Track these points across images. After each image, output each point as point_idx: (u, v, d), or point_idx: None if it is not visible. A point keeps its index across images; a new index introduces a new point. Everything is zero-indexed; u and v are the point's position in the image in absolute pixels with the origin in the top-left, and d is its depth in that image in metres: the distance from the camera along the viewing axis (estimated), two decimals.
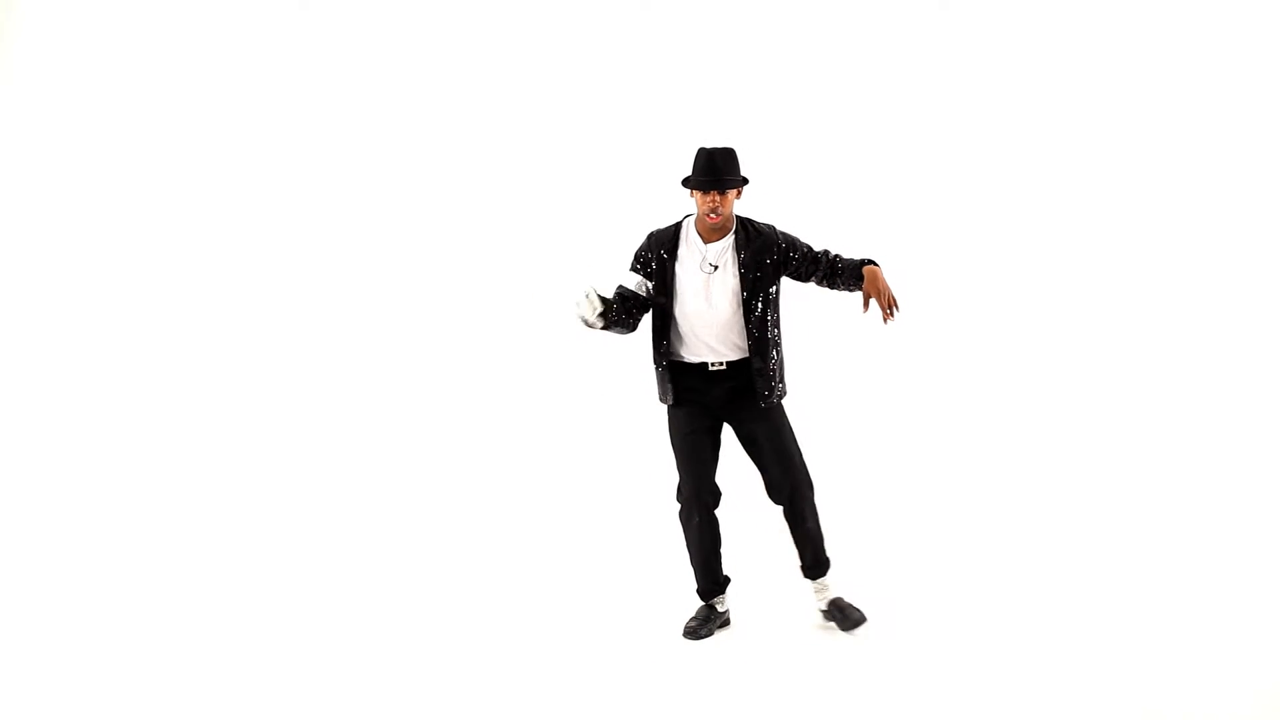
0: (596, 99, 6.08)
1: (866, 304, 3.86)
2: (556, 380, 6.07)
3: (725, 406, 3.96)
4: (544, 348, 6.06)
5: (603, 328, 3.89)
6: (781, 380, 4.00)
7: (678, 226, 4.01)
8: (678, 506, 4.10)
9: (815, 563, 4.06)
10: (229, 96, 6.21)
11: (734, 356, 3.93)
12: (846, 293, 3.99)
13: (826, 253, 3.96)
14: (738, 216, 3.95)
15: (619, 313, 3.91)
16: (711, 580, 4.08)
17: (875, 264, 3.88)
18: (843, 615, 4.04)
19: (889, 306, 3.82)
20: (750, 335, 3.89)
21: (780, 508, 4.07)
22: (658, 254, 3.96)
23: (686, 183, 3.89)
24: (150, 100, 6.21)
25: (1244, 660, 3.71)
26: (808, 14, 5.97)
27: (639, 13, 5.98)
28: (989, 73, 5.91)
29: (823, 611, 4.09)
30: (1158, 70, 5.81)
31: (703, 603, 4.12)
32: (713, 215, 3.84)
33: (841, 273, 3.90)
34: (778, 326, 3.96)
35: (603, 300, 3.82)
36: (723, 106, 5.77)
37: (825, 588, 4.09)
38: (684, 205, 4.15)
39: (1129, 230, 5.90)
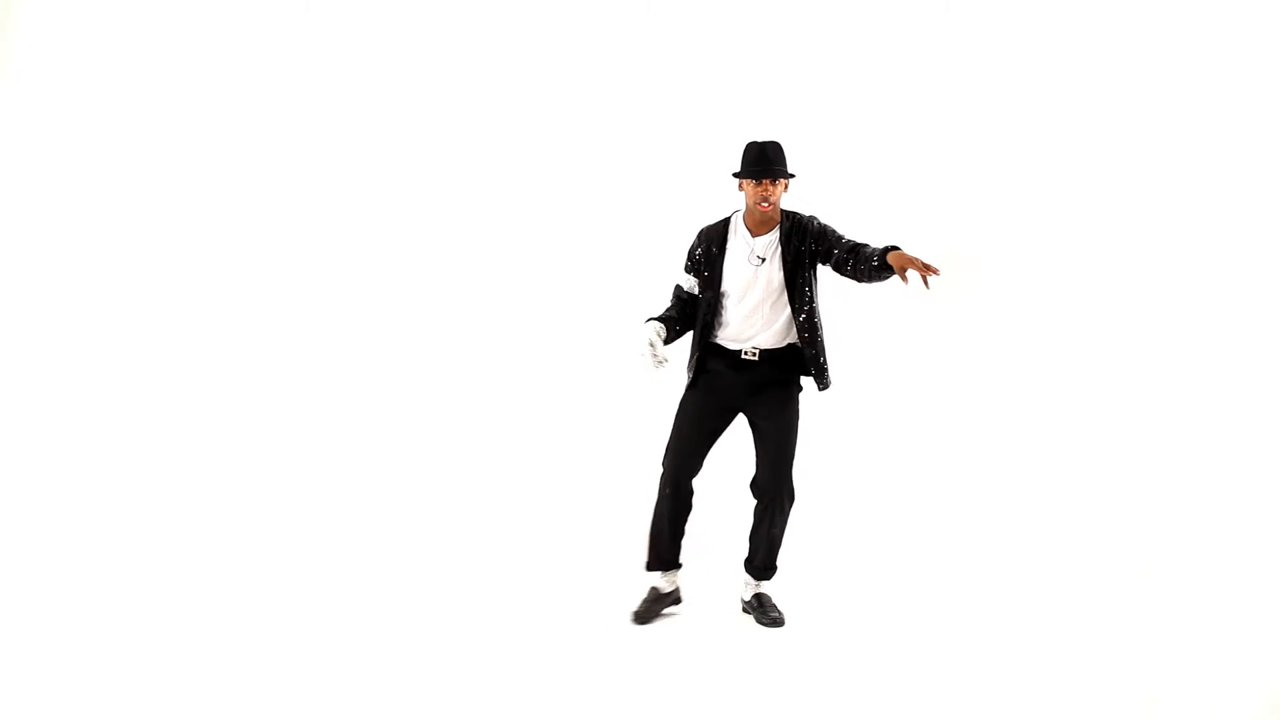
0: (612, 102, 6.05)
1: (905, 277, 3.83)
2: (556, 376, 6.04)
3: (748, 394, 4.04)
4: (545, 345, 6.04)
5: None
6: (827, 368, 4.07)
7: (726, 221, 4.14)
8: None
9: (764, 566, 4.16)
10: (231, 97, 6.19)
11: (772, 345, 4.04)
12: (869, 283, 4.00)
13: (853, 242, 4.04)
14: (782, 210, 4.09)
15: (683, 322, 4.11)
16: (657, 556, 4.12)
17: (897, 247, 3.91)
18: (761, 609, 4.12)
19: (925, 271, 3.78)
20: (799, 324, 4.01)
21: (755, 503, 4.16)
22: (707, 249, 4.09)
23: (739, 175, 4.02)
24: (152, 100, 6.16)
25: (1244, 660, 3.71)
26: (816, 16, 5.97)
27: (645, 15, 5.99)
28: (991, 78, 5.89)
29: (744, 601, 4.19)
30: (1163, 69, 5.80)
31: (650, 586, 4.13)
32: (764, 204, 3.98)
33: (864, 260, 3.92)
34: (819, 315, 4.06)
35: (664, 324, 4.03)
36: (731, 109, 5.76)
37: (759, 584, 4.21)
38: (703, 204, 4.29)
39: (1135, 230, 5.88)
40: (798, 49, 5.97)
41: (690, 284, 4.14)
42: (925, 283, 3.80)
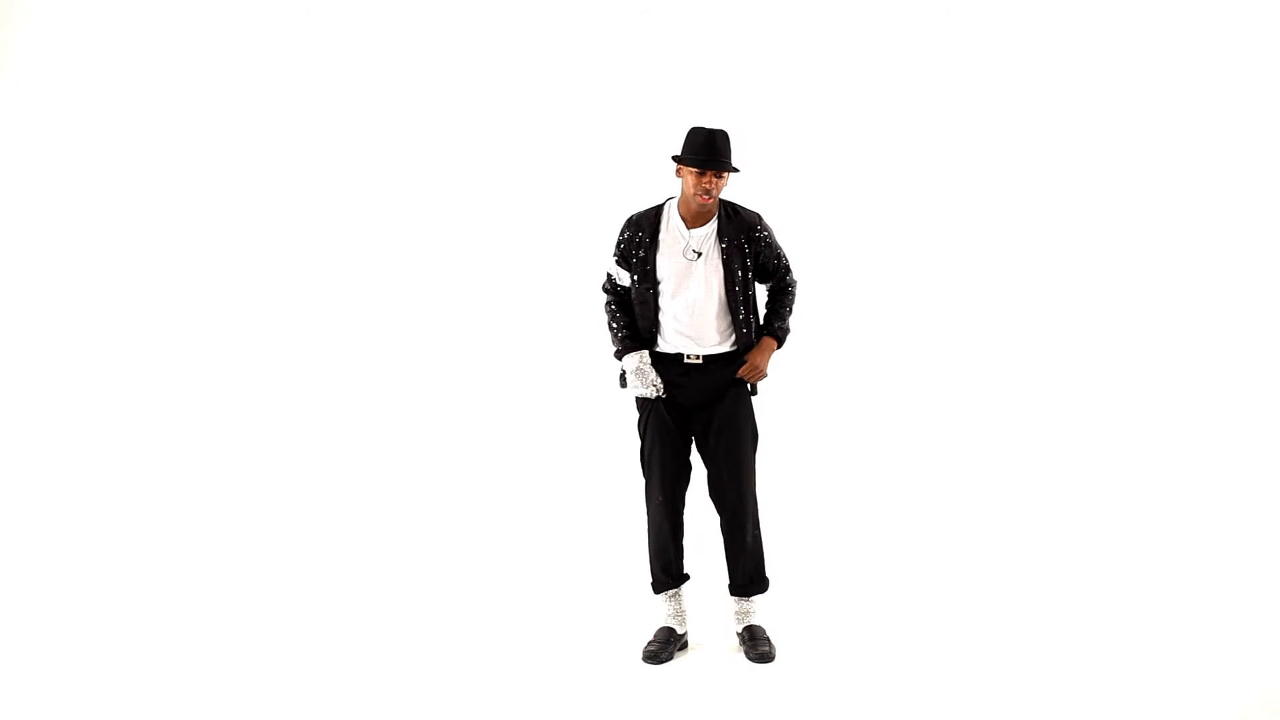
0: (596, 101, 6.02)
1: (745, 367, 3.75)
2: (551, 376, 5.99)
3: (696, 401, 3.74)
4: (539, 344, 5.99)
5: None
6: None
7: (659, 209, 3.77)
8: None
9: (750, 580, 3.82)
10: (230, 100, 6.15)
11: (713, 349, 3.73)
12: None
13: (786, 280, 3.86)
14: (720, 200, 3.75)
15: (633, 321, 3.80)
16: (664, 571, 3.85)
17: (778, 338, 3.81)
18: (752, 642, 3.79)
19: (752, 375, 3.75)
20: (735, 326, 3.72)
21: (719, 519, 3.85)
22: (640, 238, 3.73)
23: (680, 160, 3.64)
24: (151, 102, 6.08)
25: (1244, 661, 3.68)
26: (809, 18, 5.95)
27: (641, 15, 5.97)
28: (991, 79, 5.87)
29: (737, 634, 3.86)
30: (1159, 74, 5.78)
31: (662, 624, 3.89)
32: (705, 197, 3.60)
33: (770, 308, 3.86)
34: (756, 314, 3.80)
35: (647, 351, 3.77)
36: (722, 108, 5.71)
37: (749, 613, 3.85)
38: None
39: (1131, 233, 5.86)
40: (796, 49, 5.95)
41: (623, 276, 3.78)
42: (750, 376, 3.74)
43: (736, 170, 3.68)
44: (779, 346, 3.82)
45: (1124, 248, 5.83)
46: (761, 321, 3.86)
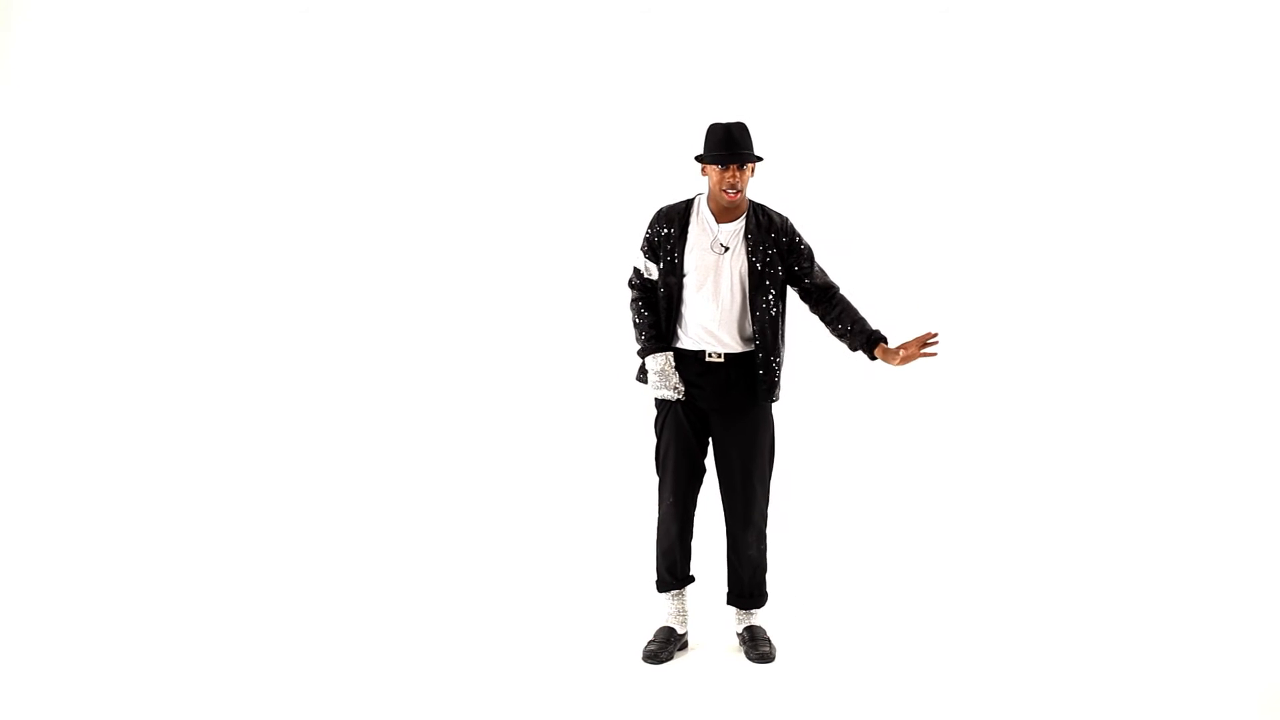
0: (597, 101, 6.04)
1: (901, 358, 3.68)
2: (551, 377, 6.00)
3: (715, 403, 3.71)
4: (540, 346, 5.97)
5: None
6: (779, 380, 3.79)
7: (689, 204, 3.77)
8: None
9: (750, 594, 3.84)
10: (230, 100, 6.17)
11: (736, 348, 3.69)
12: (838, 339, 3.83)
13: (833, 286, 3.80)
14: (750, 200, 3.76)
15: (657, 319, 3.77)
16: (669, 571, 3.83)
17: (883, 339, 3.74)
18: (752, 643, 3.82)
19: (923, 349, 3.66)
20: (757, 326, 3.68)
21: (725, 527, 3.84)
22: (668, 231, 3.72)
23: (701, 159, 3.65)
24: (151, 102, 6.08)
25: (1244, 661, 3.68)
26: (809, 20, 5.95)
27: (640, 15, 5.97)
28: (991, 79, 5.86)
29: (737, 634, 3.91)
30: (1159, 76, 5.77)
31: (663, 623, 3.91)
32: (730, 191, 3.61)
33: (847, 327, 3.75)
34: (783, 320, 3.76)
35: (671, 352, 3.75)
36: (721, 109, 5.72)
37: (749, 614, 3.90)
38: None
39: (1131, 235, 5.86)
40: (796, 49, 5.95)
41: (650, 269, 3.77)
42: (932, 352, 3.66)
43: (759, 159, 3.69)
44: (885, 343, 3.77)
45: (1125, 248, 5.82)
46: (852, 332, 3.75)
